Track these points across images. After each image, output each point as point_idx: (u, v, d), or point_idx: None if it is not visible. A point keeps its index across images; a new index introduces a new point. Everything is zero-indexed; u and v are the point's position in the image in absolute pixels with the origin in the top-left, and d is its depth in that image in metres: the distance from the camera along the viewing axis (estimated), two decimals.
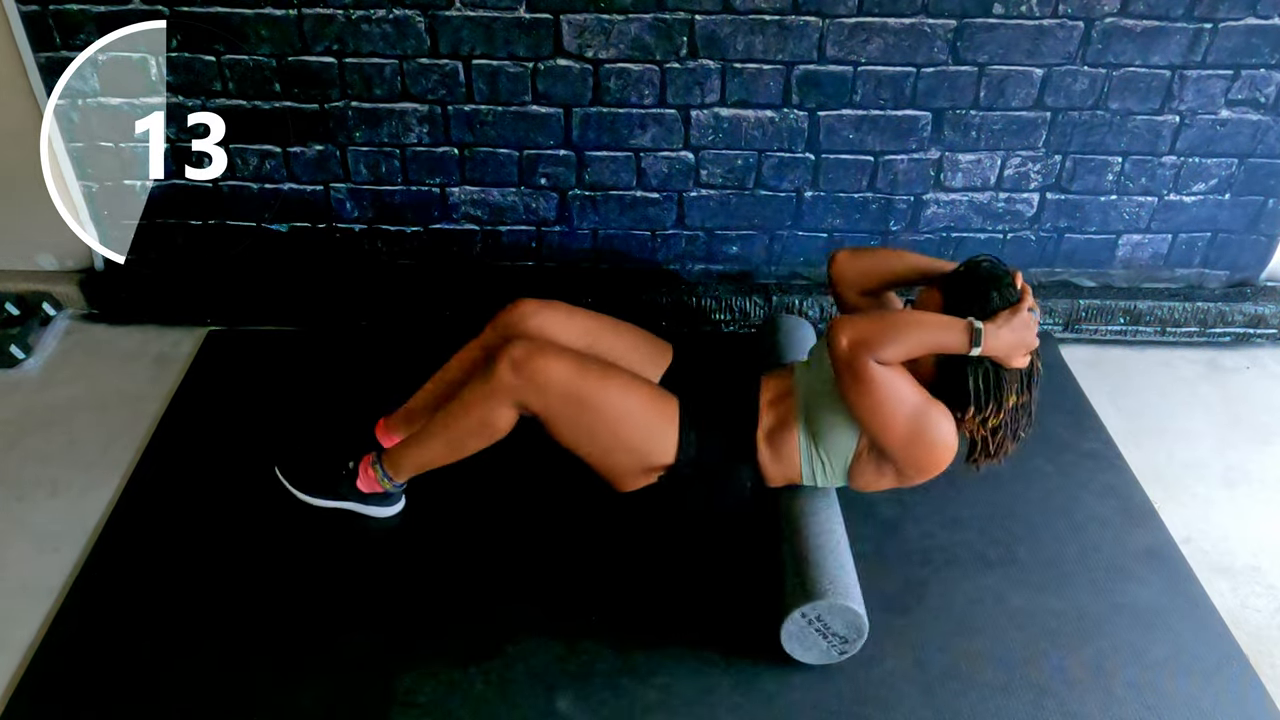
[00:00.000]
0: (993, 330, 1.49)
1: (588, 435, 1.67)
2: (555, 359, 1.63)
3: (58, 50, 2.12)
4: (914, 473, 1.64)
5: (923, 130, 2.26)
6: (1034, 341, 1.53)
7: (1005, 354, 1.51)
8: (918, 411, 1.54)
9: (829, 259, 1.82)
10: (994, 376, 1.54)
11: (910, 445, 1.57)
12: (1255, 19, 2.11)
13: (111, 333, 2.44)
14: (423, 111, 2.22)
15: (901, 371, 1.55)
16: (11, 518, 1.91)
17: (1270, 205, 2.41)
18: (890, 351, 1.51)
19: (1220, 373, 2.45)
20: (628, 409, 1.66)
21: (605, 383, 1.65)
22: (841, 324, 1.55)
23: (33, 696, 1.56)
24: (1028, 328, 1.52)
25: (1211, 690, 1.63)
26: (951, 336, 1.51)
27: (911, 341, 1.52)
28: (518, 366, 1.62)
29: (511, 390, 1.63)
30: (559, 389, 1.62)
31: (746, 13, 2.07)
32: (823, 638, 1.59)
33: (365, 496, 1.84)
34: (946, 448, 1.58)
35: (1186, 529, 1.97)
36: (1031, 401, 1.60)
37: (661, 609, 1.73)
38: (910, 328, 1.54)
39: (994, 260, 1.59)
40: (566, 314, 1.84)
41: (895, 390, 1.54)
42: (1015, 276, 1.57)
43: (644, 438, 1.68)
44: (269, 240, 2.42)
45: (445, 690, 1.58)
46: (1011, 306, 1.52)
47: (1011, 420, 1.59)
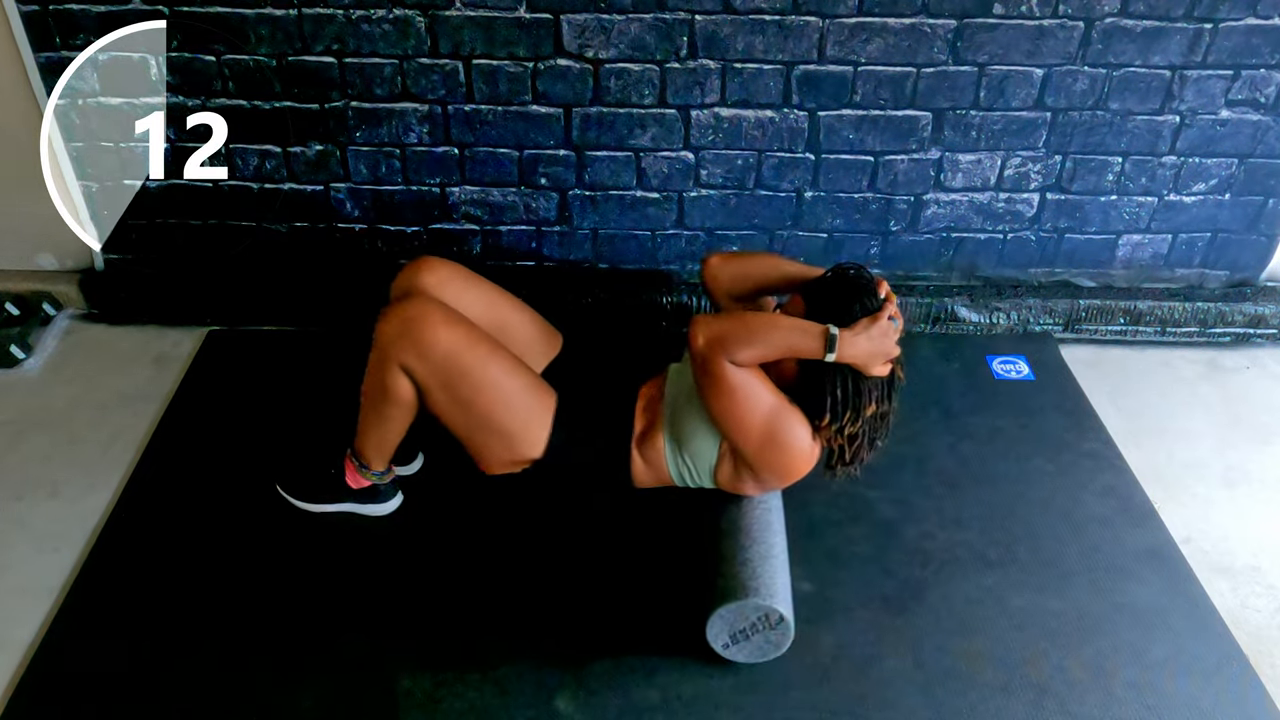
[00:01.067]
0: (849, 337, 1.50)
1: (460, 408, 1.64)
2: (444, 324, 1.59)
3: (58, 50, 2.12)
4: (770, 476, 1.65)
5: (923, 130, 2.26)
6: (893, 350, 1.54)
7: (863, 361, 1.52)
8: (772, 415, 1.56)
9: (702, 263, 1.83)
10: (852, 384, 1.55)
11: (764, 449, 1.58)
12: (1255, 19, 2.11)
13: (111, 333, 2.44)
14: (423, 111, 2.22)
15: (758, 374, 1.56)
16: (11, 518, 1.91)
17: (1270, 205, 2.41)
18: (745, 353, 1.52)
19: (1220, 373, 2.45)
20: (506, 393, 1.64)
21: (489, 360, 1.62)
22: (699, 323, 1.56)
23: (33, 696, 1.56)
24: (886, 336, 1.52)
25: (1211, 690, 1.63)
26: (807, 341, 1.52)
27: (766, 343, 1.53)
28: (405, 325, 1.57)
29: (397, 351, 1.58)
30: (443, 355, 1.58)
31: (746, 13, 2.07)
32: (753, 635, 1.59)
33: (357, 494, 1.84)
34: (800, 452, 1.59)
35: (1186, 529, 1.97)
36: (891, 411, 1.61)
37: (662, 609, 1.72)
38: (766, 330, 1.55)
39: (860, 268, 1.61)
40: (466, 278, 1.81)
41: (750, 392, 1.55)
42: (880, 285, 1.58)
43: (516, 427, 1.67)
44: (269, 240, 2.42)
45: (445, 690, 1.58)
46: (871, 315, 1.53)
47: (869, 429, 1.60)
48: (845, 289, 1.58)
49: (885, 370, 1.55)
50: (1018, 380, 2.34)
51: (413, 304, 1.60)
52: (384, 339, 1.59)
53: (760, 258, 1.85)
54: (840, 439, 1.60)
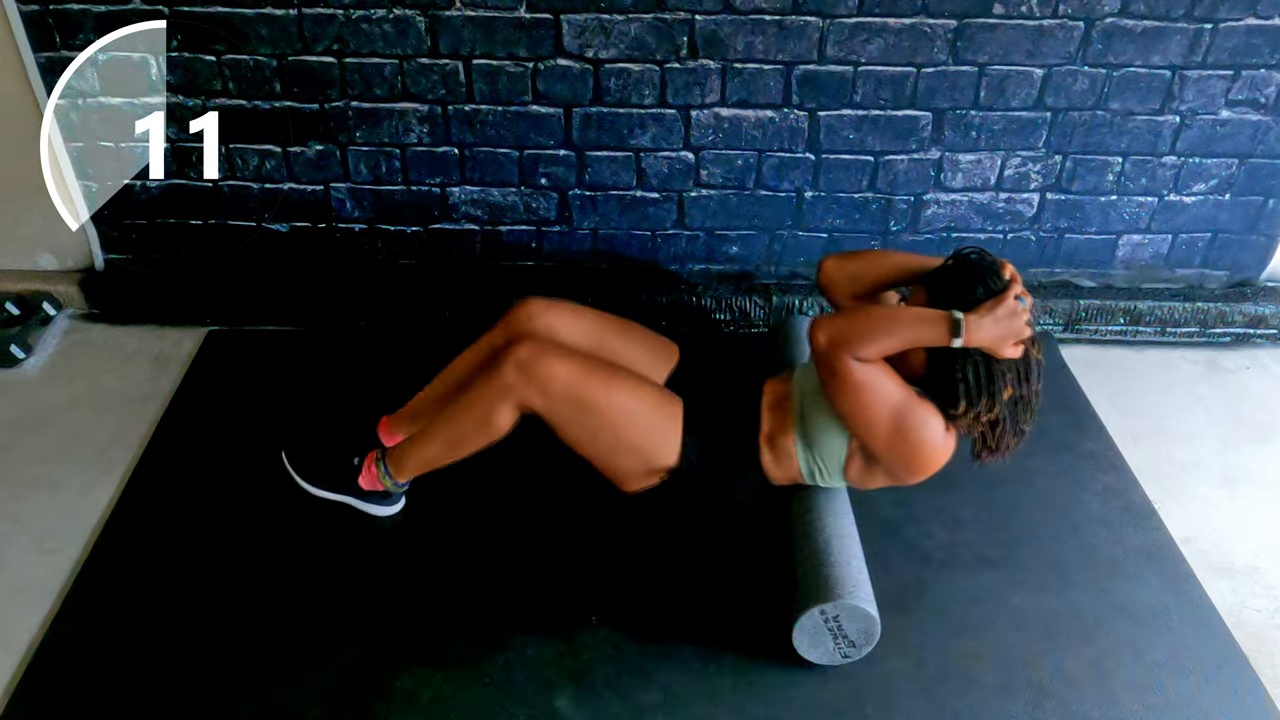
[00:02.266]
0: (975, 321, 1.46)
1: (591, 436, 1.67)
2: (560, 360, 1.63)
3: (58, 50, 2.12)
4: (903, 472, 1.62)
5: (923, 130, 2.26)
6: (1024, 331, 1.49)
7: (992, 344, 1.48)
8: (900, 410, 1.53)
9: (818, 266, 1.81)
10: (984, 369, 1.50)
11: (895, 444, 1.56)
12: (1255, 19, 2.11)
13: (111, 333, 2.44)
14: (423, 111, 2.22)
15: (884, 369, 1.54)
16: (11, 518, 1.91)
17: (1270, 205, 2.41)
18: (869, 348, 1.50)
19: (1220, 373, 2.45)
20: (632, 411, 1.66)
21: (609, 384, 1.65)
22: (820, 323, 1.54)
23: (33, 696, 1.56)
24: (1015, 316, 1.48)
25: (1211, 690, 1.63)
26: (931, 329, 1.49)
27: (890, 337, 1.51)
28: (523, 367, 1.62)
29: (515, 390, 1.63)
30: (563, 390, 1.61)
31: (746, 13, 2.07)
32: (833, 638, 1.59)
33: (365, 493, 1.84)
34: (933, 446, 1.56)
35: (1186, 529, 1.97)
36: (1032, 394, 1.56)
37: (662, 609, 1.73)
38: (888, 323, 1.52)
39: (981, 252, 1.57)
40: (573, 314, 1.83)
41: (876, 388, 1.52)
42: (1004, 266, 1.54)
43: (647, 439, 1.68)
44: (269, 240, 2.42)
45: (445, 690, 1.58)
46: (996, 296, 1.49)
47: (1010, 414, 1.55)
48: (967, 273, 1.53)
49: (1018, 352, 1.50)
50: None
51: (525, 345, 1.64)
52: (503, 382, 1.63)
53: (876, 255, 1.81)
54: (981, 426, 1.55)
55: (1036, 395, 1.57)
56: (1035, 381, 1.56)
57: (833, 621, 1.57)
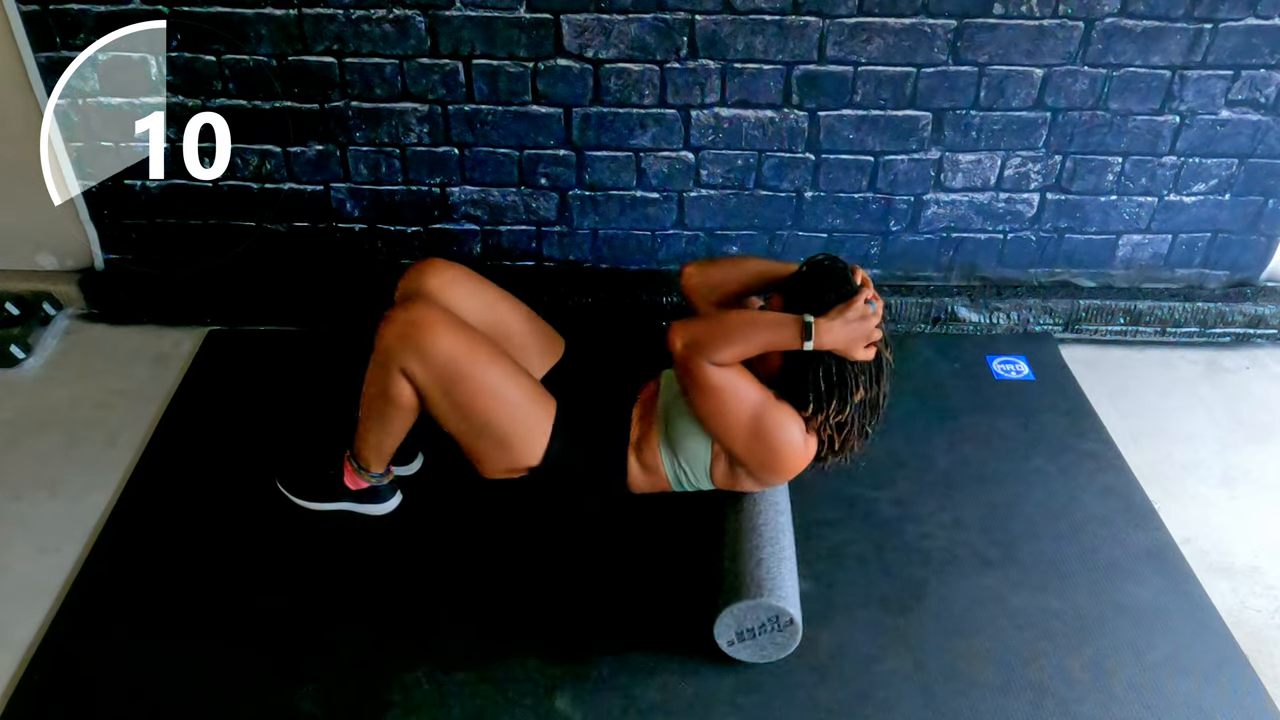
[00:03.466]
0: (825, 325, 1.49)
1: (460, 414, 1.64)
2: (445, 329, 1.58)
3: (58, 50, 2.12)
4: (765, 474, 1.64)
5: (923, 130, 2.26)
6: (875, 334, 1.53)
7: (843, 347, 1.51)
8: (759, 412, 1.55)
9: (678, 273, 1.83)
10: (836, 372, 1.54)
11: (754, 446, 1.58)
12: (1255, 19, 2.11)
13: (111, 333, 2.44)
14: (423, 111, 2.22)
15: (741, 372, 1.56)
16: (11, 518, 1.91)
17: (1270, 205, 2.41)
18: (724, 352, 1.52)
19: (1220, 373, 2.45)
20: (506, 401, 1.64)
21: (490, 368, 1.62)
22: (676, 328, 1.56)
23: (33, 696, 1.56)
24: (865, 320, 1.51)
25: (1211, 690, 1.63)
26: (783, 333, 1.51)
27: (744, 340, 1.53)
28: (407, 329, 1.56)
29: (398, 357, 1.58)
30: (442, 362, 1.57)
31: (746, 13, 2.07)
32: (761, 635, 1.58)
33: (355, 494, 1.84)
34: (792, 447, 1.58)
35: (1186, 529, 1.97)
36: (881, 395, 1.60)
37: (661, 609, 1.72)
38: (741, 327, 1.55)
39: (833, 258, 1.61)
40: (472, 282, 1.81)
41: (734, 391, 1.54)
42: (855, 271, 1.58)
43: (514, 434, 1.67)
44: (269, 240, 2.42)
45: (444, 690, 1.58)
46: (846, 300, 1.52)
47: (858, 416, 1.59)
48: (818, 279, 1.58)
49: (869, 354, 1.54)
50: (1018, 380, 2.34)
51: (414, 308, 1.59)
52: (386, 344, 1.59)
53: (735, 261, 1.85)
54: (828, 429, 1.59)
55: (885, 397, 1.61)
56: (885, 383, 1.60)
57: (739, 639, 1.58)
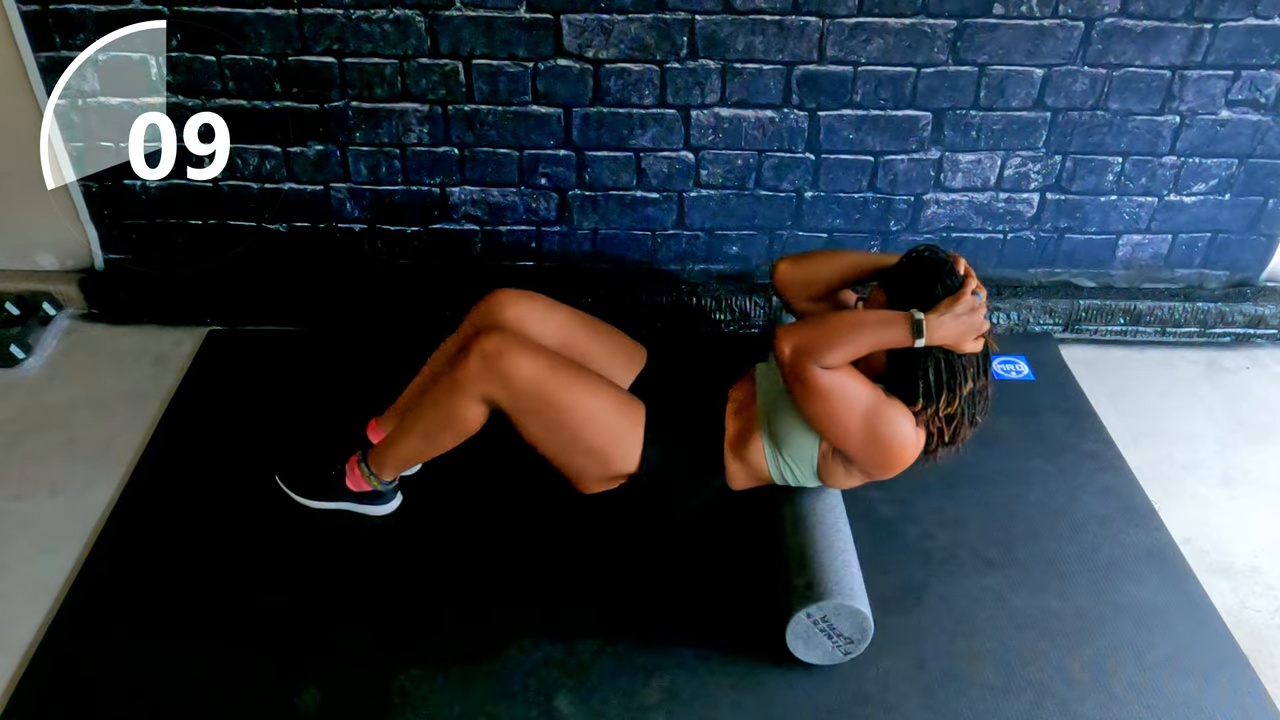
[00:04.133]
0: (935, 320, 1.48)
1: (550, 434, 1.66)
2: (525, 355, 1.61)
3: (58, 50, 2.12)
4: (878, 471, 1.63)
5: (923, 130, 2.26)
6: (983, 325, 1.52)
7: (954, 341, 1.50)
8: (871, 412, 1.53)
9: (771, 270, 1.81)
10: (946, 366, 1.53)
11: (869, 445, 1.56)
12: (1255, 19, 2.11)
13: (111, 333, 2.44)
14: (423, 111, 2.22)
15: (850, 373, 1.54)
16: (11, 518, 1.91)
17: (1270, 205, 2.41)
18: (833, 356, 1.50)
19: (1220, 373, 2.45)
20: (594, 413, 1.65)
21: (574, 384, 1.63)
22: (783, 334, 1.54)
23: (33, 696, 1.56)
24: (973, 312, 1.50)
25: (1211, 690, 1.63)
26: (893, 332, 1.50)
27: (853, 343, 1.51)
28: (487, 359, 1.59)
29: (479, 383, 1.60)
30: (526, 385, 1.59)
31: (746, 13, 2.07)
32: (828, 638, 1.59)
33: (357, 496, 1.84)
34: (904, 444, 1.57)
35: (1186, 529, 1.97)
36: (988, 385, 1.59)
37: (662, 609, 1.73)
38: (850, 329, 1.53)
39: (934, 248, 1.58)
40: (544, 308, 1.82)
41: (845, 394, 1.53)
42: (957, 262, 1.56)
43: (607, 444, 1.67)
44: (269, 240, 2.42)
45: (445, 690, 1.58)
46: (954, 294, 1.51)
47: (968, 406, 1.57)
48: (923, 272, 1.55)
49: (978, 346, 1.53)
50: (1018, 380, 2.34)
51: (493, 338, 1.62)
52: (469, 372, 1.61)
53: (830, 255, 1.81)
54: (938, 421, 1.57)
55: (991, 384, 1.60)
56: (990, 373, 1.59)
57: (822, 623, 1.57)
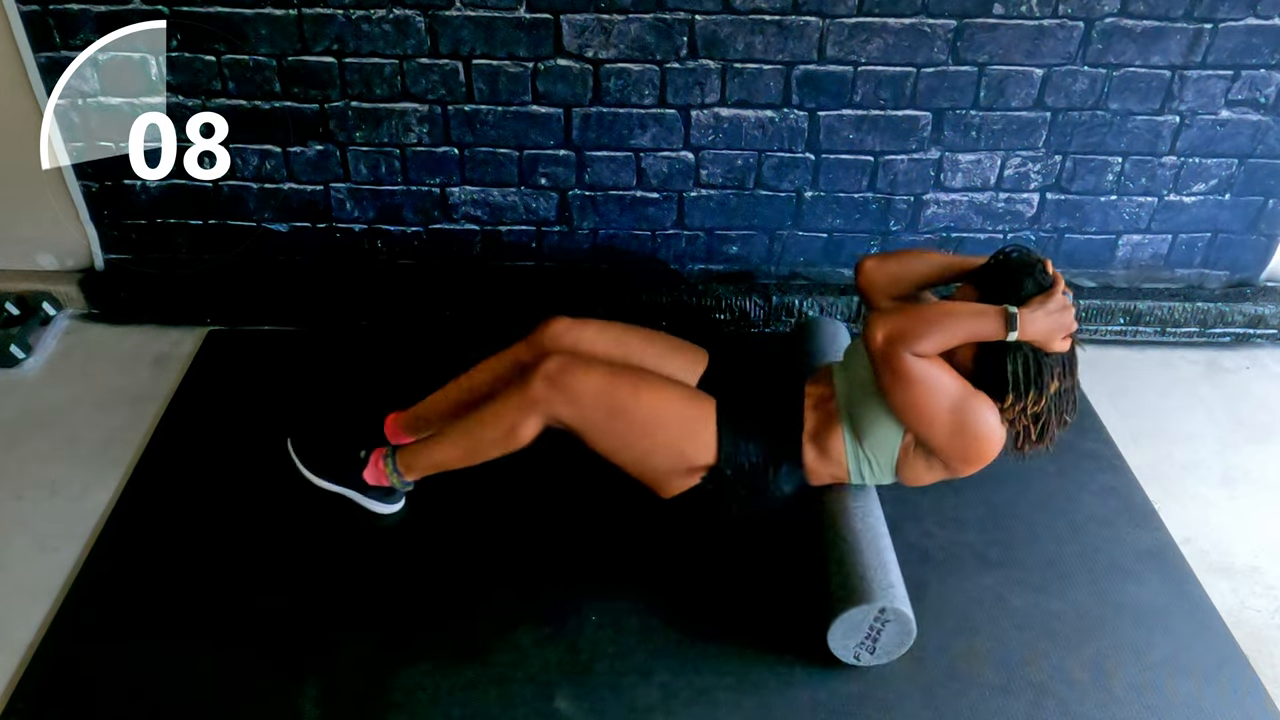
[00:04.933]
0: (1028, 315, 1.49)
1: (624, 442, 1.68)
2: (588, 370, 1.65)
3: (58, 50, 2.12)
4: (961, 464, 1.63)
5: (923, 130, 2.26)
6: (1072, 324, 1.53)
7: (1044, 338, 1.51)
8: (959, 403, 1.54)
9: (856, 268, 1.81)
10: (1034, 362, 1.54)
11: (955, 437, 1.57)
12: (1255, 19, 2.11)
13: (111, 333, 2.44)
14: (423, 111, 2.22)
15: (940, 364, 1.55)
16: (11, 518, 1.91)
17: (1270, 205, 2.41)
18: (926, 343, 1.51)
19: (1220, 373, 2.45)
20: (662, 411, 1.67)
21: (639, 389, 1.66)
22: (877, 319, 1.56)
23: (33, 696, 1.56)
24: (1064, 310, 1.51)
25: (1211, 690, 1.63)
26: (987, 323, 1.51)
27: (947, 331, 1.52)
28: (552, 380, 1.64)
29: (544, 403, 1.64)
30: (593, 399, 1.63)
31: (746, 13, 2.07)
32: (865, 637, 1.59)
33: (368, 488, 1.84)
34: (991, 438, 1.57)
35: (1186, 529, 1.97)
36: (1075, 385, 1.60)
37: (662, 609, 1.72)
38: (945, 318, 1.54)
39: (1023, 249, 1.59)
40: (599, 328, 1.84)
41: (935, 383, 1.54)
42: (1046, 263, 1.57)
43: (680, 438, 1.68)
44: (269, 240, 2.42)
45: (445, 690, 1.58)
46: (1046, 291, 1.52)
47: (1055, 406, 1.58)
48: (1014, 270, 1.56)
49: (1066, 345, 1.54)
50: None
51: (554, 360, 1.66)
52: (535, 394, 1.65)
53: (915, 254, 1.81)
54: (1025, 419, 1.57)
55: (1078, 385, 1.61)
56: (1077, 374, 1.60)
57: (880, 623, 1.57)
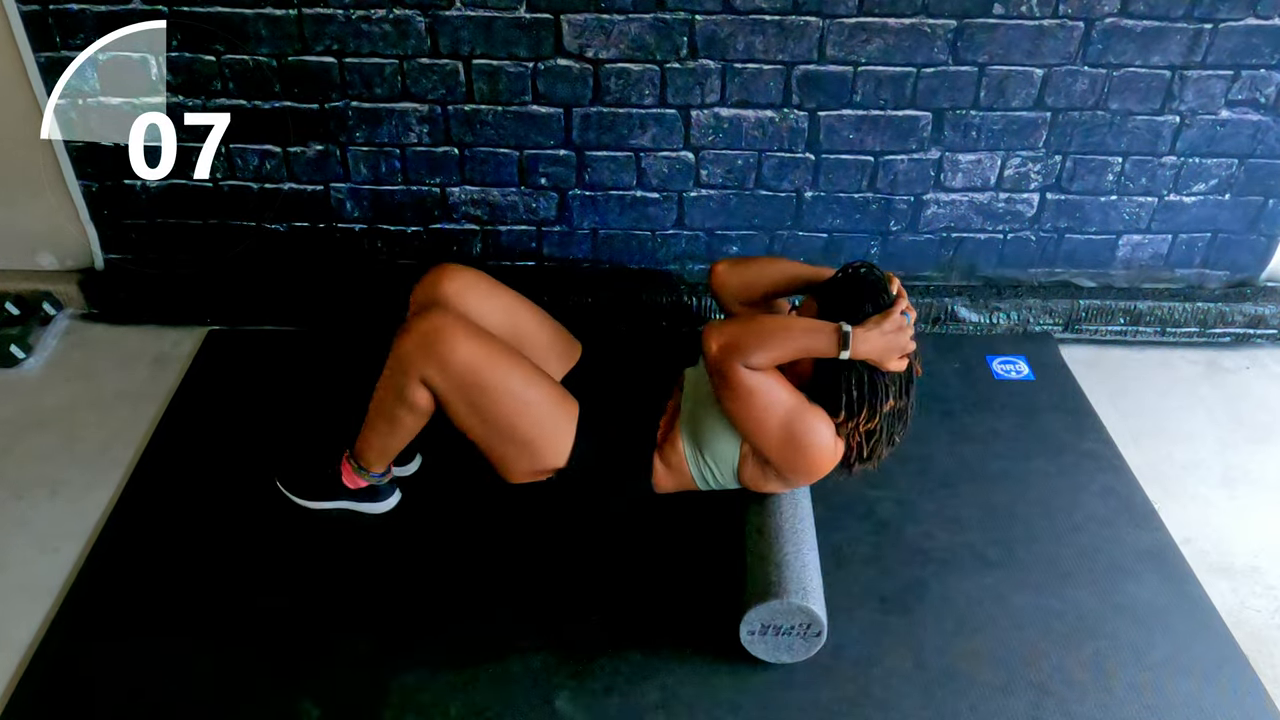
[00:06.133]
0: (862, 334, 1.50)
1: (482, 421, 1.65)
2: (463, 336, 1.59)
3: (58, 50, 2.12)
4: (793, 475, 1.65)
5: (923, 130, 2.26)
6: (909, 345, 1.54)
7: (877, 357, 1.52)
8: (791, 416, 1.56)
9: (710, 270, 1.83)
10: (868, 381, 1.55)
11: (785, 449, 1.58)
12: (1255, 19, 2.11)
13: (111, 333, 2.44)
14: (423, 111, 2.22)
15: (775, 376, 1.56)
16: (11, 518, 1.91)
17: (1270, 205, 2.41)
18: (759, 356, 1.52)
19: (1220, 373, 2.45)
20: (528, 404, 1.65)
21: (510, 372, 1.63)
22: (711, 330, 1.56)
23: (33, 696, 1.56)
24: (900, 331, 1.52)
25: (1211, 690, 1.63)
26: (820, 340, 1.52)
27: (780, 345, 1.53)
28: (425, 339, 1.58)
29: (416, 364, 1.59)
30: (462, 368, 1.58)
31: (746, 13, 2.07)
32: (786, 636, 1.59)
33: (354, 494, 1.85)
34: (822, 450, 1.59)
35: (1186, 529, 1.97)
36: (909, 406, 1.61)
37: (661, 609, 1.72)
38: (779, 332, 1.54)
39: (870, 266, 1.61)
40: (489, 287, 1.82)
41: (767, 395, 1.55)
42: (891, 281, 1.58)
43: (539, 437, 1.68)
44: (269, 240, 2.42)
45: (445, 690, 1.58)
46: (883, 311, 1.53)
47: (887, 425, 1.60)
48: (856, 287, 1.58)
49: (902, 365, 1.55)
50: (1018, 380, 2.34)
51: (432, 316, 1.60)
52: (405, 351, 1.59)
53: (768, 262, 1.84)
54: (858, 436, 1.60)
55: (912, 408, 1.63)
56: (912, 395, 1.62)
57: (763, 631, 1.57)
